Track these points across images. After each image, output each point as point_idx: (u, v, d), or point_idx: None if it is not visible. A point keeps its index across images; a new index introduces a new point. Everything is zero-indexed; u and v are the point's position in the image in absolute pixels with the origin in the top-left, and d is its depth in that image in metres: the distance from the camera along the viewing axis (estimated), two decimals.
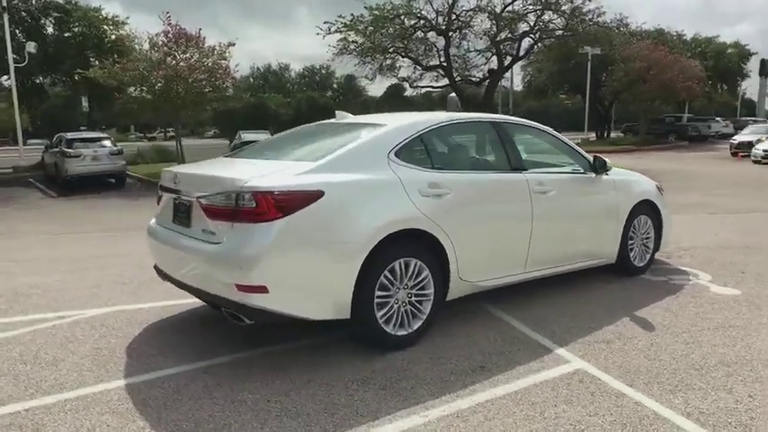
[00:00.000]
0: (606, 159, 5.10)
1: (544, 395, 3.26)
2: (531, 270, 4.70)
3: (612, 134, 41.05)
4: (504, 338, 4.09)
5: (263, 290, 3.35)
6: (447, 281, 4.07)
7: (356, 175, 3.70)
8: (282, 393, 3.30)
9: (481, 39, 23.13)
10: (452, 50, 23.08)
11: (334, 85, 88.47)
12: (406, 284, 3.85)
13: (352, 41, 22.87)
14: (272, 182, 3.42)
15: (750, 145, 24.33)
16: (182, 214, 3.87)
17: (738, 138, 26.50)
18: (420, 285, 3.92)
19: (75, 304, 4.96)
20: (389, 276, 3.75)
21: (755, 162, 22.45)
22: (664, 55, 31.43)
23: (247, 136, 23.80)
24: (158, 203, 4.30)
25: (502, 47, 23.26)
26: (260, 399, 3.24)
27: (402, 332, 3.86)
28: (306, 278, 3.47)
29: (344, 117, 4.64)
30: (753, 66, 45.30)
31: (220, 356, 3.80)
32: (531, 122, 5.12)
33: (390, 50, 23.08)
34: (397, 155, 3.93)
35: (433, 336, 4.06)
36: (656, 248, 5.89)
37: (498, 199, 4.43)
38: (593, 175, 5.14)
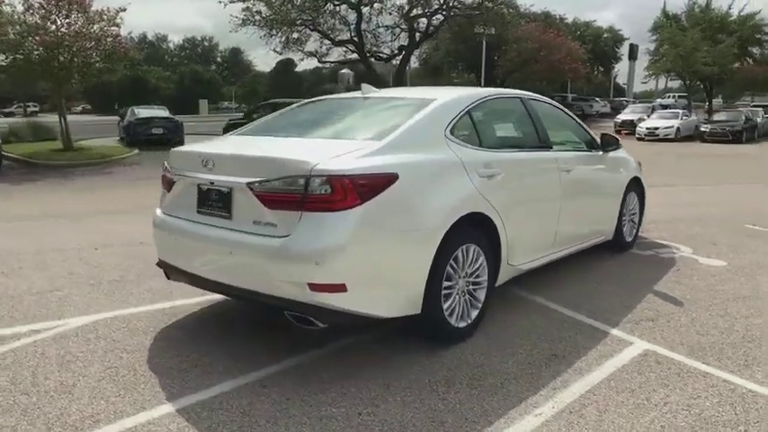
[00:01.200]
0: (617, 137, 5.12)
1: (637, 380, 3.17)
2: (558, 250, 4.62)
3: None
4: (552, 323, 3.97)
5: (341, 288, 2.93)
6: (498, 266, 3.86)
7: (422, 156, 3.35)
8: (369, 403, 2.92)
9: (390, 14, 22.90)
10: (364, 25, 22.62)
11: (218, 59, 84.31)
12: (466, 272, 3.59)
13: (257, 12, 21.65)
14: (345, 164, 2.98)
15: (632, 123, 26.52)
16: (215, 203, 3.29)
17: (621, 117, 28.78)
18: (476, 273, 3.67)
19: (47, 314, 4.13)
20: (454, 265, 3.47)
21: (639, 139, 24.51)
22: (553, 37, 33.18)
23: (143, 112, 21.72)
24: (168, 190, 3.64)
25: (414, 23, 23.20)
26: (349, 412, 2.84)
27: (462, 324, 3.60)
28: (383, 272, 3.10)
29: (370, 90, 4.21)
30: (625, 50, 49.39)
31: (267, 366, 3.30)
32: (546, 98, 5.00)
33: (298, 23, 22.14)
34: (451, 132, 3.62)
35: (483, 325, 3.84)
36: (640, 224, 6.09)
37: (537, 178, 4.28)
38: (601, 153, 5.15)
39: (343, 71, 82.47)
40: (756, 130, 23.83)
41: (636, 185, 5.83)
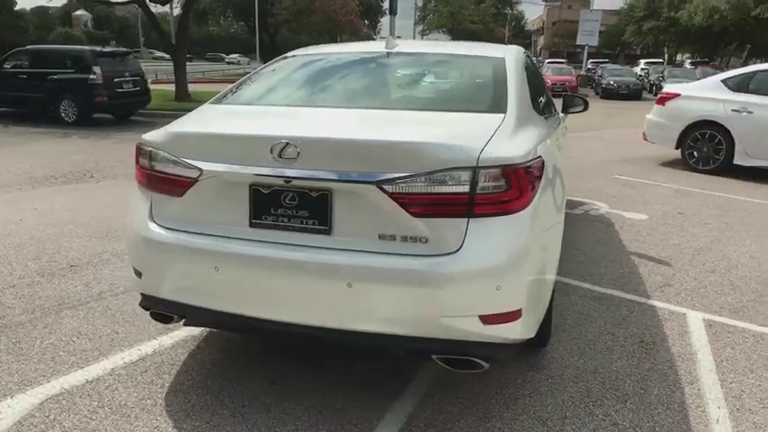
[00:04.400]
0: (587, 99, 4.95)
1: (743, 359, 3.09)
2: None
3: None
4: (593, 302, 3.74)
5: (516, 316, 2.20)
6: None
7: (539, 130, 2.70)
8: None
9: None
10: None
11: None
12: None
13: None
14: (513, 148, 2.20)
15: None
16: (293, 211, 2.19)
17: None
18: None
19: None
20: None
21: None
22: None
23: None
24: (177, 194, 2.34)
25: None
26: None
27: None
28: (542, 281, 2.44)
29: (396, 44, 3.25)
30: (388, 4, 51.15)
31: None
32: None
33: None
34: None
35: None
36: None
37: (556, 150, 3.86)
38: (563, 114, 4.96)
39: (78, 13, 71.05)
40: None
41: None
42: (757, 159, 7.55)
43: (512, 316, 2.17)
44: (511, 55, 3.10)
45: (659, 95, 8.59)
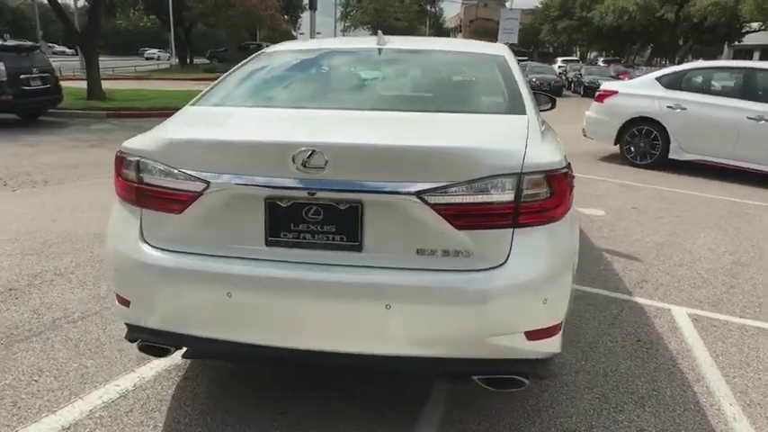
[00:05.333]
0: (554, 97, 4.93)
1: (737, 352, 3.17)
2: None
3: (197, 60, 39.88)
4: (581, 302, 3.71)
5: (557, 330, 2.09)
6: None
7: (552, 133, 2.61)
8: None
9: None
10: None
11: None
12: None
13: None
14: (551, 153, 2.08)
15: None
16: (318, 227, 1.96)
17: None
18: None
19: None
20: None
21: None
22: None
23: None
24: (177, 209, 2.04)
25: None
26: None
27: None
28: (573, 292, 2.33)
29: (386, 40, 3.03)
30: None
31: None
32: None
33: None
34: None
35: None
36: None
37: None
38: None
39: None
40: None
41: None
42: (691, 154, 7.96)
43: (554, 330, 2.06)
44: (508, 53, 3.00)
45: (597, 93, 8.87)
